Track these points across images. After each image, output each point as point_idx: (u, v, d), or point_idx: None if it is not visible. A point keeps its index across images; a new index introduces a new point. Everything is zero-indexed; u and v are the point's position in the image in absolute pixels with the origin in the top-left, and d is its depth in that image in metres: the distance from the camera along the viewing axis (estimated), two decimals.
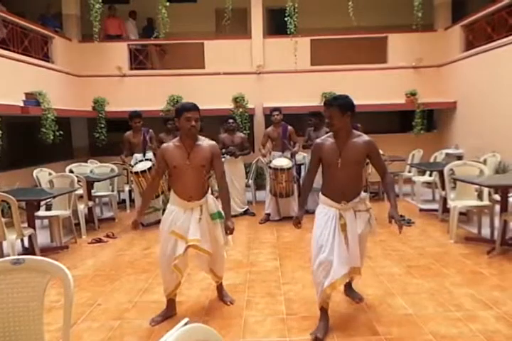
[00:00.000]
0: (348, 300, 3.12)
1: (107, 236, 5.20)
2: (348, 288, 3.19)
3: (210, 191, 2.97)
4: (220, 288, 3.24)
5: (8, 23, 6.52)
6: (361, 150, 2.67)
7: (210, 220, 2.89)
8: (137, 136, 5.85)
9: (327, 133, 2.92)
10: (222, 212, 2.93)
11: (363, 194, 2.79)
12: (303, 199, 2.95)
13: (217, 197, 3.01)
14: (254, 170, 7.12)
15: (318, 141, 2.82)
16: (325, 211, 2.71)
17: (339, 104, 2.64)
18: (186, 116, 2.73)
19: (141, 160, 5.64)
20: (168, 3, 7.11)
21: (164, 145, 2.91)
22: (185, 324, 1.20)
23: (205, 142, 2.87)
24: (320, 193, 2.82)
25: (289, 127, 5.93)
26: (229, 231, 2.88)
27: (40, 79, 7.11)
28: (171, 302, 2.99)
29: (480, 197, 4.67)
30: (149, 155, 5.86)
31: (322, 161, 2.77)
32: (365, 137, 2.74)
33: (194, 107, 2.77)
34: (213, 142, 2.93)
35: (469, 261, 3.89)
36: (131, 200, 7.09)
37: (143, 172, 5.42)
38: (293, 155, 5.84)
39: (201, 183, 2.85)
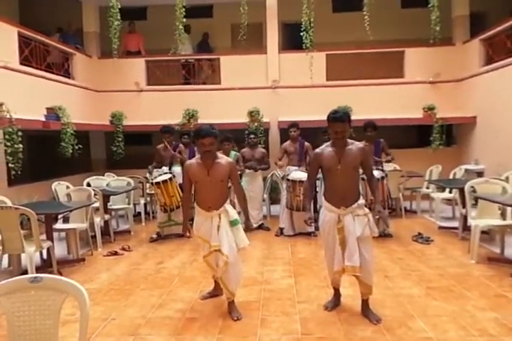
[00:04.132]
0: (366, 321, 3.02)
1: (123, 249, 5.22)
2: (365, 309, 3.12)
3: (228, 201, 3.29)
4: (231, 304, 3.24)
5: (31, 41, 6.75)
6: (357, 156, 3.01)
7: (229, 227, 3.19)
8: (167, 150, 6.04)
9: None
10: (239, 219, 3.29)
11: (361, 200, 3.05)
12: (308, 202, 3.32)
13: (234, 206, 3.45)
14: (269, 184, 7.10)
15: (317, 150, 3.15)
16: (327, 216, 3.08)
17: (349, 119, 2.97)
18: (201, 142, 3.07)
19: (166, 173, 5.76)
20: (184, 19, 7.27)
21: (188, 162, 3.31)
22: None
23: (223, 160, 3.21)
24: (323, 199, 3.15)
25: (306, 143, 5.96)
26: (249, 229, 3.33)
27: (61, 94, 7.30)
28: (216, 284, 3.52)
29: (503, 215, 4.53)
30: (174, 169, 5.98)
31: (322, 168, 3.08)
32: (359, 144, 3.09)
33: (208, 134, 3.06)
34: (231, 160, 3.34)
35: (492, 283, 3.74)
36: (147, 213, 7.15)
37: (158, 183, 5.56)
38: None
39: (220, 195, 3.19)
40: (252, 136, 6.28)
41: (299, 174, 5.65)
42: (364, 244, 2.98)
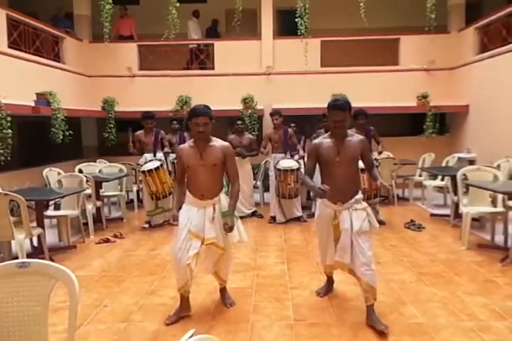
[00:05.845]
0: (360, 308, 2.97)
1: (115, 236, 5.19)
2: (371, 316, 2.80)
3: (224, 191, 3.05)
4: (223, 290, 3.24)
5: (19, 24, 6.56)
6: (357, 148, 2.88)
7: (222, 218, 2.93)
8: (148, 136, 5.83)
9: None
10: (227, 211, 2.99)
11: (358, 195, 2.91)
12: (310, 181, 2.91)
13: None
14: (262, 172, 7.08)
15: (315, 141, 3.00)
16: (323, 212, 2.97)
17: (350, 108, 2.84)
18: (195, 121, 2.84)
19: (151, 160, 5.64)
20: (178, 4, 7.11)
21: (180, 146, 3.08)
22: (192, 335, 1.16)
23: (218, 143, 2.96)
24: None
25: (289, 130, 6.02)
26: (227, 227, 2.89)
27: (51, 79, 7.14)
28: (184, 300, 3.01)
29: (494, 203, 4.57)
30: (160, 155, 5.85)
31: (320, 161, 2.93)
32: (359, 136, 2.97)
33: (202, 113, 2.84)
34: (227, 143, 3.01)
35: (482, 269, 3.79)
36: (140, 200, 7.10)
37: (150, 171, 5.44)
38: (302, 158, 5.84)
39: (214, 182, 2.94)
40: (238, 122, 6.17)
41: (289, 163, 5.69)
42: (362, 238, 2.83)
